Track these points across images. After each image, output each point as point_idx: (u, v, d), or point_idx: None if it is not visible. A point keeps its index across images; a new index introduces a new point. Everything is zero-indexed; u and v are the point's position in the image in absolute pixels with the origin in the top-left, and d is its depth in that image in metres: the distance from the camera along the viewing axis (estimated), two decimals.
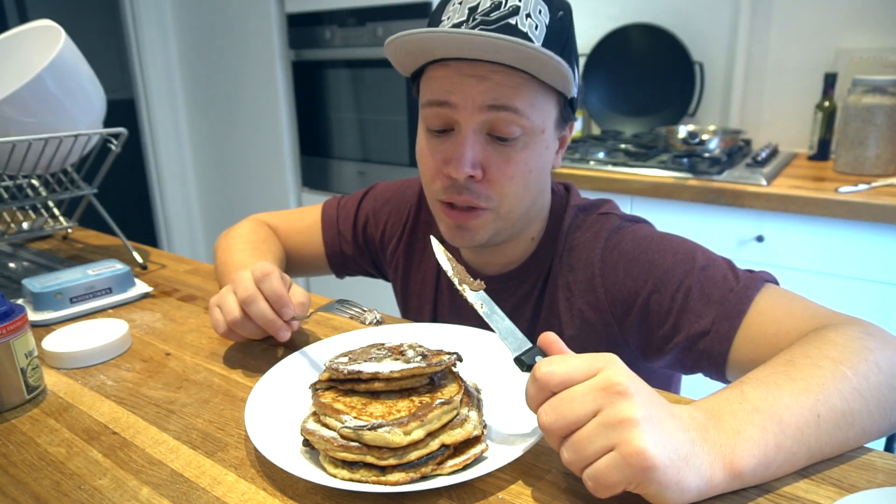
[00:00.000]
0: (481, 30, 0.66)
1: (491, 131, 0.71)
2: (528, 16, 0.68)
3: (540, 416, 0.48)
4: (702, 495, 0.46)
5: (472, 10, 0.68)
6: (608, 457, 0.44)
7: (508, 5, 0.67)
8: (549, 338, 0.52)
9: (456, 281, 0.59)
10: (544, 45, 0.68)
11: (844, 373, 0.53)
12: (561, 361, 0.48)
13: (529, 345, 0.54)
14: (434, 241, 0.64)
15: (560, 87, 0.71)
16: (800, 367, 0.54)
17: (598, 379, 0.46)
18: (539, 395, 0.48)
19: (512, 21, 0.67)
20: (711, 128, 2.03)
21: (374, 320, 0.65)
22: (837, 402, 0.52)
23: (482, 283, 0.59)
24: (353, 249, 1.00)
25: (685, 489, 0.45)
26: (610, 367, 0.47)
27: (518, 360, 0.53)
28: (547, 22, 0.69)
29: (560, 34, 0.70)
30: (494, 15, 0.67)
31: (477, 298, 0.58)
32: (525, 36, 0.67)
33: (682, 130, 2.01)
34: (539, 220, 0.82)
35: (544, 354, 0.52)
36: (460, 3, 0.70)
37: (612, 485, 0.44)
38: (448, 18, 0.70)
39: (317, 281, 2.75)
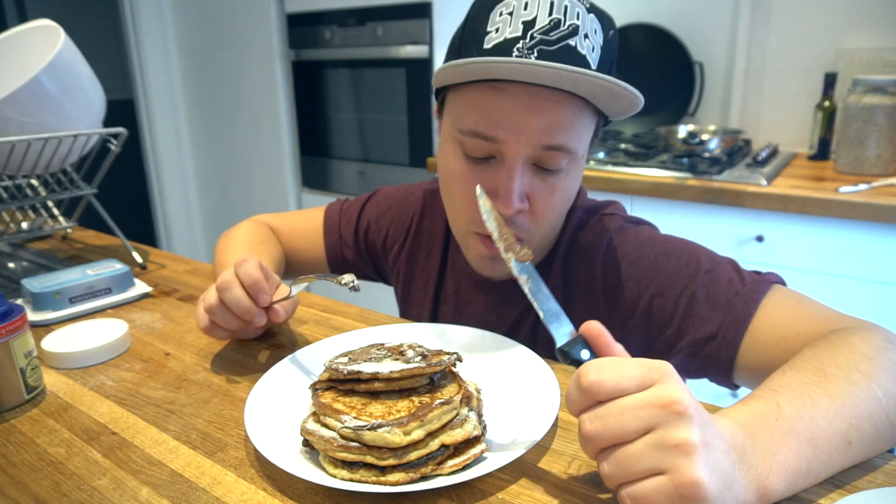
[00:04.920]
0: (540, 51, 0.62)
1: (537, 162, 0.67)
2: (585, 36, 0.63)
3: (583, 424, 0.44)
4: None
5: (528, 25, 0.63)
6: (657, 481, 0.41)
7: (567, 24, 0.63)
8: (596, 329, 0.49)
9: (502, 247, 0.56)
10: (598, 67, 0.64)
11: (876, 393, 0.52)
12: (611, 369, 0.44)
13: (573, 331, 0.51)
14: (482, 196, 0.60)
15: (617, 112, 0.67)
16: (833, 380, 0.52)
17: (654, 393, 0.43)
18: (583, 402, 0.45)
19: (572, 42, 0.62)
20: (711, 128, 2.03)
21: (351, 283, 0.64)
22: (868, 428, 0.51)
23: (530, 252, 0.56)
24: (354, 254, 1.00)
25: None
26: (667, 379, 0.44)
27: (561, 352, 0.50)
28: (601, 42, 0.65)
29: (609, 55, 0.67)
30: (554, 35, 0.62)
31: (522, 272, 0.55)
32: (584, 59, 0.63)
33: (682, 130, 2.01)
34: (557, 232, 0.81)
35: (588, 347, 0.50)
36: (510, 14, 0.64)
37: None
38: (497, 31, 0.64)
39: (317, 284, 2.74)
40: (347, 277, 0.64)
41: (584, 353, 0.50)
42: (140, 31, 3.10)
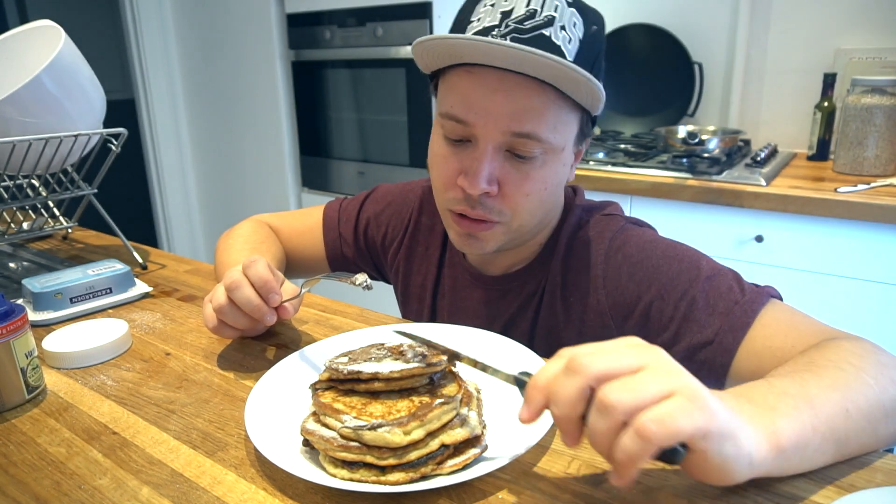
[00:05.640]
0: (513, 38, 0.64)
1: (510, 149, 0.69)
2: (562, 28, 0.65)
3: (578, 357, 0.43)
4: (753, 468, 0.44)
5: (505, 14, 0.65)
6: (673, 399, 0.41)
7: (543, 15, 0.65)
8: None
9: (424, 350, 0.57)
10: (576, 60, 0.66)
11: (867, 380, 0.53)
12: (586, 345, 0.45)
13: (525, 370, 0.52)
14: (396, 334, 0.61)
15: (587, 105, 0.69)
16: (822, 367, 0.54)
17: (630, 342, 0.45)
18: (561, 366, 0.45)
19: (546, 32, 0.65)
20: (711, 128, 2.04)
21: (365, 282, 0.65)
22: (863, 404, 0.51)
23: (444, 359, 0.56)
24: (353, 252, 1.00)
25: (741, 450, 0.43)
26: (638, 338, 0.46)
27: (521, 377, 0.51)
28: (581, 36, 0.67)
29: (592, 49, 0.68)
30: (529, 24, 0.65)
31: (450, 361, 0.56)
32: (558, 49, 0.64)
33: (682, 130, 2.01)
34: (548, 228, 0.82)
35: None
36: (492, 6, 0.67)
37: (679, 430, 0.40)
38: (478, 20, 0.67)
39: (317, 284, 2.74)
40: (360, 277, 0.65)
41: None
42: (141, 31, 3.10)
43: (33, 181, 1.21)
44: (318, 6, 2.48)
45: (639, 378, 0.42)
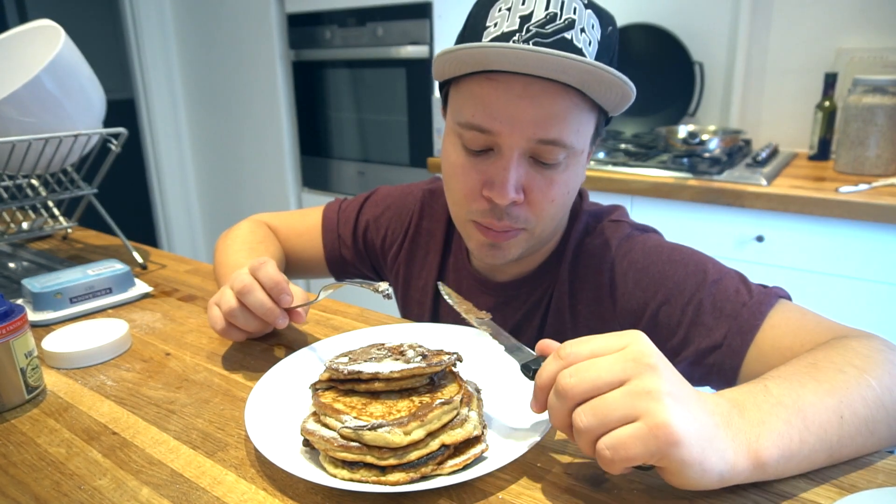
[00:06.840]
0: (535, 43, 0.62)
1: (534, 155, 0.68)
2: (582, 30, 0.64)
3: (562, 379, 0.46)
4: (724, 481, 0.46)
5: (525, 19, 0.64)
6: (632, 427, 0.43)
7: (564, 18, 0.63)
8: (548, 343, 0.54)
9: (462, 311, 0.64)
10: (596, 60, 0.64)
11: (868, 381, 0.53)
12: (586, 341, 0.48)
13: (535, 356, 0.55)
14: (441, 287, 0.69)
15: (612, 106, 0.68)
16: (823, 370, 0.54)
17: (627, 350, 0.46)
18: (559, 369, 0.48)
19: (567, 36, 0.63)
20: (711, 128, 2.04)
21: (386, 290, 0.66)
22: (860, 408, 0.51)
23: (488, 313, 0.64)
24: (352, 254, 0.99)
25: (707, 470, 0.44)
26: (639, 340, 0.47)
27: (525, 367, 0.54)
28: (598, 38, 0.66)
29: (608, 51, 0.67)
30: (550, 28, 0.63)
31: (482, 325, 0.62)
32: (580, 52, 0.63)
33: (683, 130, 2.01)
34: (560, 231, 0.81)
35: None
36: (508, 10, 0.65)
37: (632, 457, 0.43)
38: (495, 25, 0.65)
39: (316, 283, 2.74)
40: (383, 286, 0.67)
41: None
42: (140, 31, 3.11)
43: (33, 181, 1.21)
44: (319, 6, 2.48)
45: (609, 401, 0.44)
